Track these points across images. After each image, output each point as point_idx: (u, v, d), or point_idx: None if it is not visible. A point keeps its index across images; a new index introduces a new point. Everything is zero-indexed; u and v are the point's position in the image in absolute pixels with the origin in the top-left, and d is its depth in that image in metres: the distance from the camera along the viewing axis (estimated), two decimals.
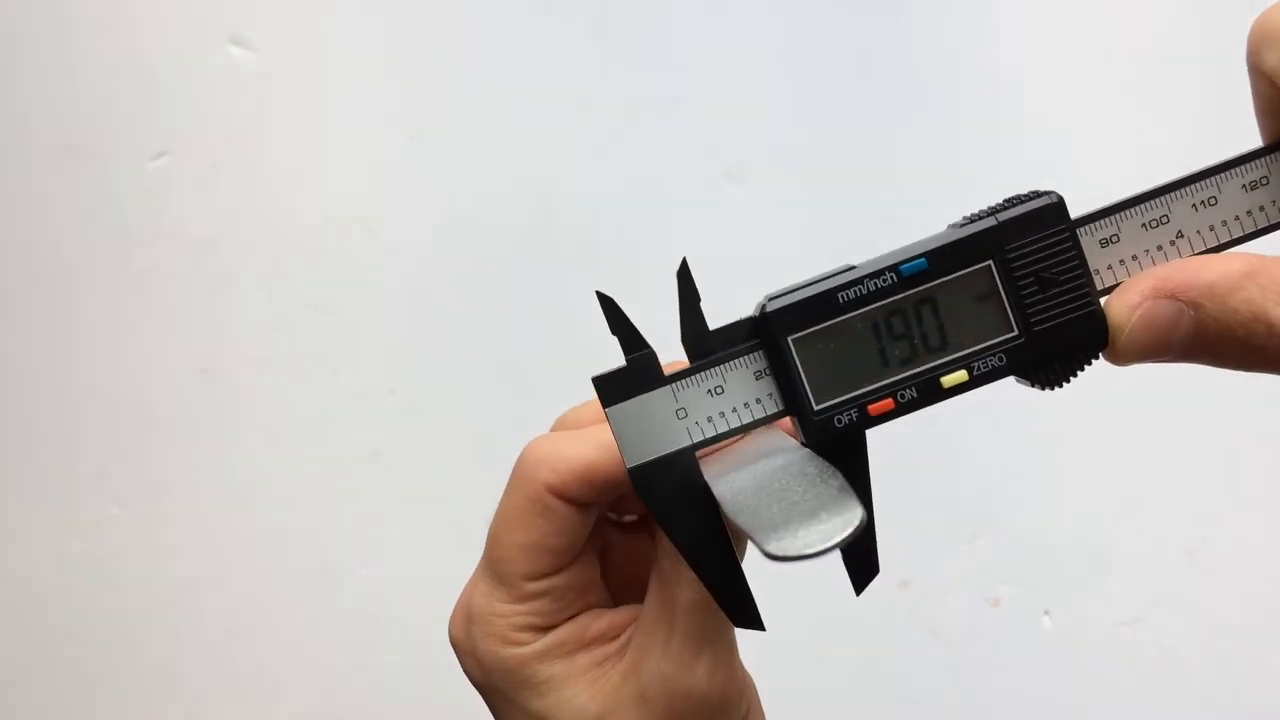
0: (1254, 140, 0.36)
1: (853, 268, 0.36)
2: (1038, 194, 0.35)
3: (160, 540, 0.97)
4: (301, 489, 0.98)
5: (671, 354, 0.37)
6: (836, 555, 0.35)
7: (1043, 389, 0.36)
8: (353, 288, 0.99)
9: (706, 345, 0.36)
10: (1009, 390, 0.36)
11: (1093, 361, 0.35)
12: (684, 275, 0.36)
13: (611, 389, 0.36)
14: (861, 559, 0.37)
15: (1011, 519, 0.98)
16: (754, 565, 0.37)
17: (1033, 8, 1.01)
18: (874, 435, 0.36)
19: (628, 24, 1.00)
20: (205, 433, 0.98)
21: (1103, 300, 0.35)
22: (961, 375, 0.35)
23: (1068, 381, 0.35)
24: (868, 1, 1.00)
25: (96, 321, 0.98)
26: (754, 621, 0.37)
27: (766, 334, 0.35)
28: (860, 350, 0.35)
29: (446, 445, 0.98)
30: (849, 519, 0.31)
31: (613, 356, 0.37)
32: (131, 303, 0.98)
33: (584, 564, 0.41)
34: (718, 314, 0.37)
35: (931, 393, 0.35)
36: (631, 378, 0.36)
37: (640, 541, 0.45)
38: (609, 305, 0.36)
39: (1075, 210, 0.36)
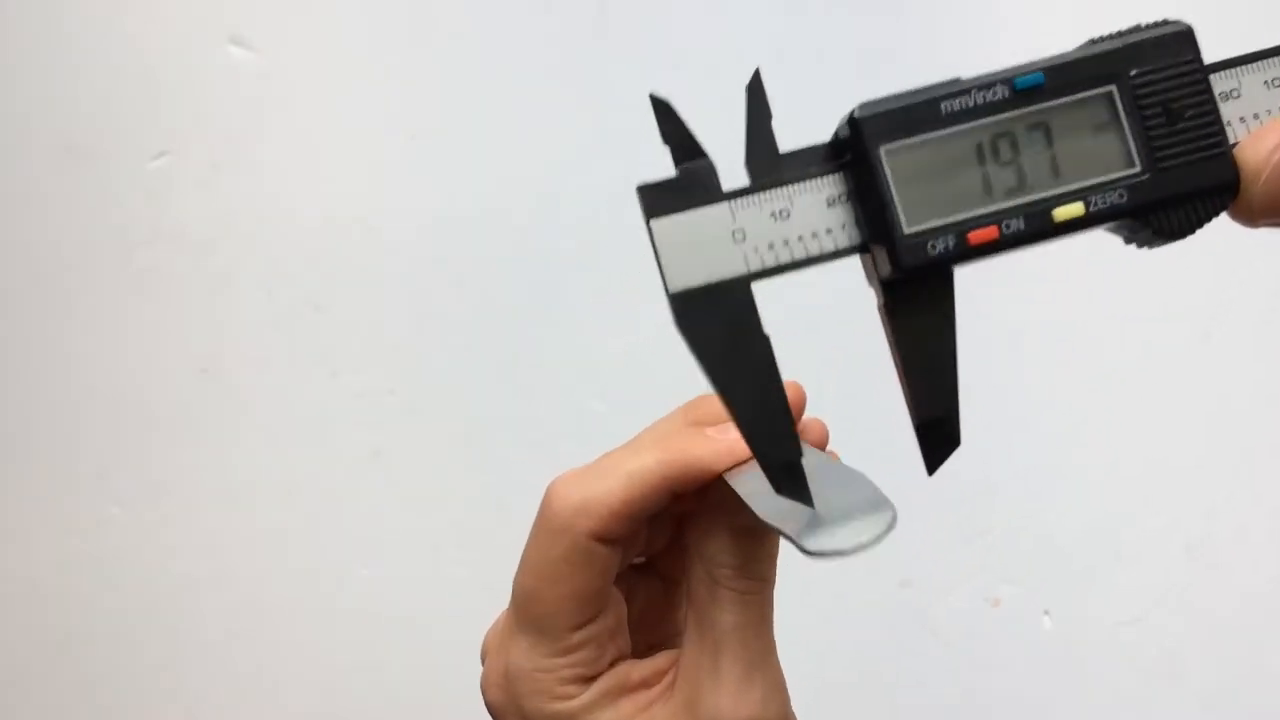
0: None
1: (958, 79, 0.32)
2: (1166, 22, 0.32)
3: (160, 540, 0.97)
4: (301, 489, 0.98)
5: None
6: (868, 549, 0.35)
7: (1162, 240, 0.32)
8: (353, 287, 0.99)
9: (775, 171, 0.32)
10: (1011, 390, 0.35)
11: (1219, 213, 0.32)
12: (755, 88, 0.32)
13: (659, 199, 0.31)
14: (943, 436, 0.33)
15: (1012, 519, 0.98)
16: None
17: (1033, 8, 1.01)
18: (874, 437, 0.35)
19: (628, 24, 1.00)
20: (205, 433, 0.98)
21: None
22: (1077, 208, 0.31)
23: (1190, 233, 0.32)
24: (868, 1, 1.00)
25: (96, 321, 0.98)
26: (795, 472, 0.32)
27: (855, 143, 0.31)
28: (962, 173, 0.31)
29: (446, 445, 0.98)
30: (881, 518, 0.30)
31: (613, 357, 0.37)
32: (131, 303, 0.98)
33: (615, 604, 0.41)
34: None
35: (1042, 226, 0.31)
36: (683, 188, 0.32)
37: (649, 583, 0.45)
38: (661, 107, 0.32)
39: None
